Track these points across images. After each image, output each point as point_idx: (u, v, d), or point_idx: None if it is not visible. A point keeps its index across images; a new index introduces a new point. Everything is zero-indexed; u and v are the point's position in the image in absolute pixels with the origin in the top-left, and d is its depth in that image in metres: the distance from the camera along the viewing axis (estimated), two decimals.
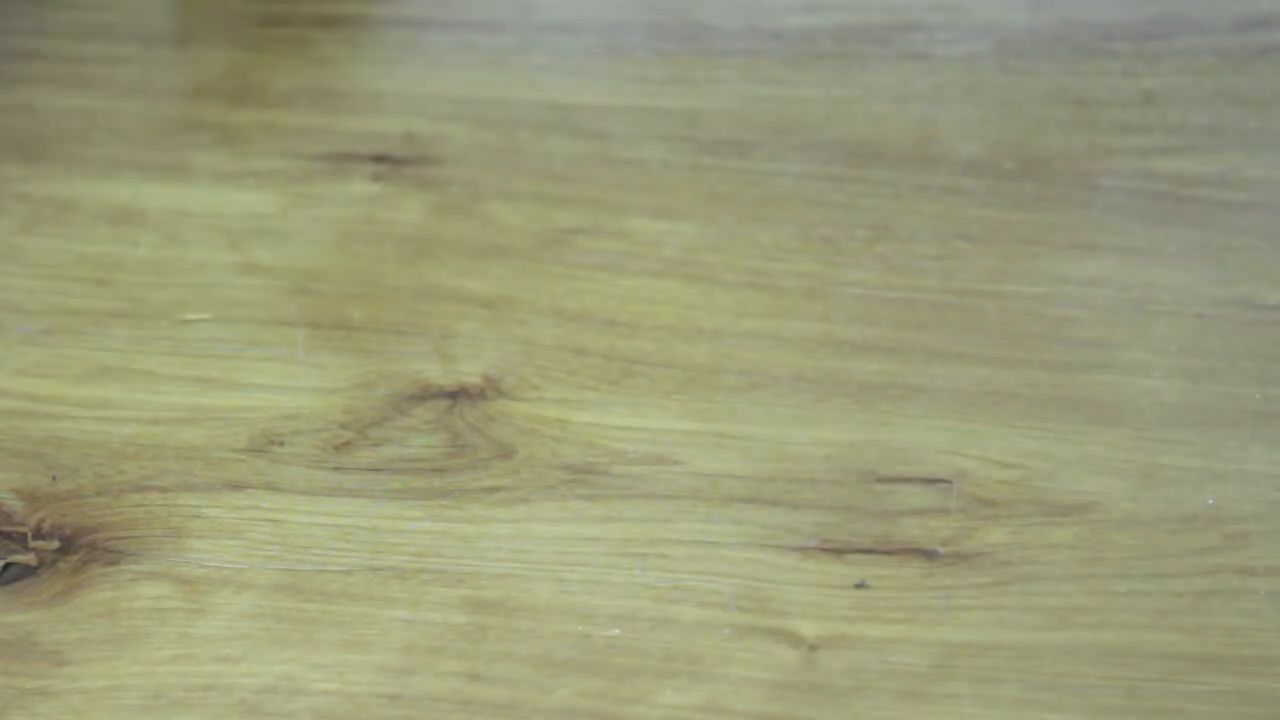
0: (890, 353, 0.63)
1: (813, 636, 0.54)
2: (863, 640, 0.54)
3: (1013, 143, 0.72)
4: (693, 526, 0.58)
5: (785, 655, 0.54)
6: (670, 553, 0.57)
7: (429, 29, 0.79)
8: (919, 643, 0.54)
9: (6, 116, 0.74)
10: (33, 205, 0.70)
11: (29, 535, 0.57)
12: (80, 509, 0.58)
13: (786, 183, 0.70)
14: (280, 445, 0.60)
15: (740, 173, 0.71)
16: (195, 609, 0.55)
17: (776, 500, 0.58)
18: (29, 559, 0.57)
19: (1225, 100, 0.74)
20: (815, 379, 0.62)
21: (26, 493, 0.59)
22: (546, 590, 0.56)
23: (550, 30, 0.79)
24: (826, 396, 0.62)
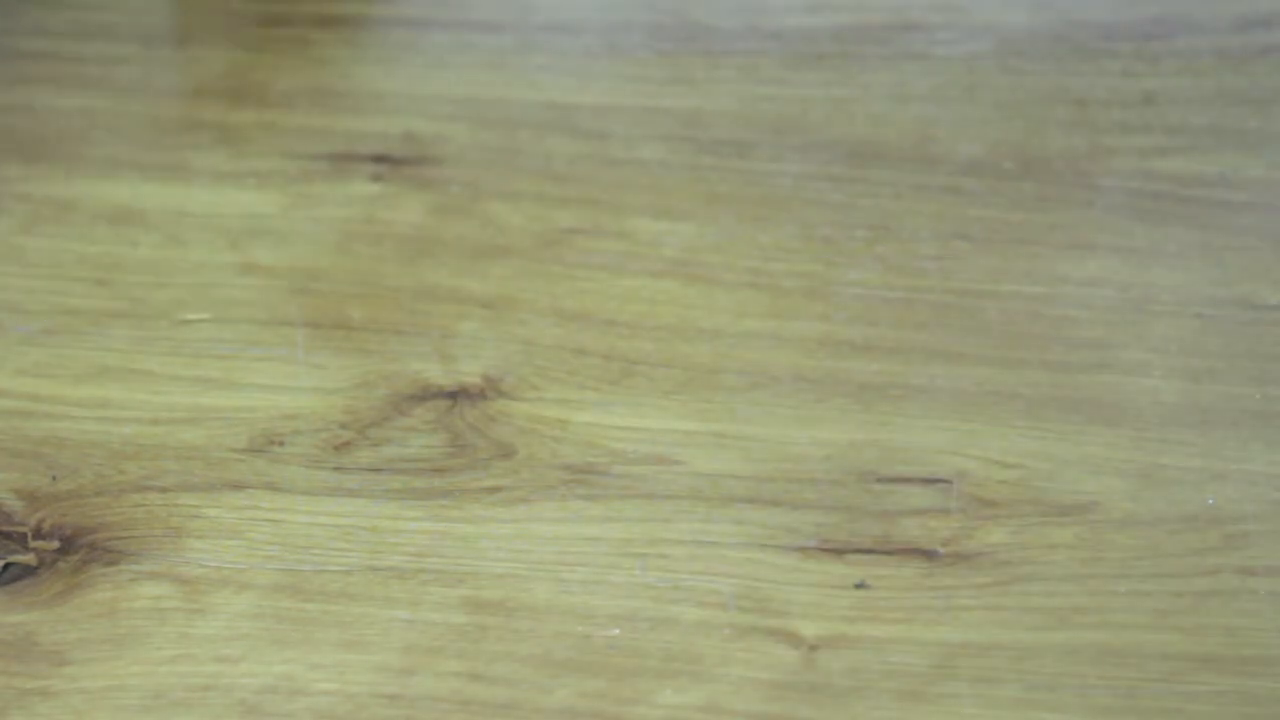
0: (890, 353, 0.63)
1: (813, 636, 0.54)
2: (863, 640, 0.54)
3: (1013, 143, 0.72)
4: (693, 526, 0.58)
5: (785, 655, 0.54)
6: (670, 553, 0.57)
7: (429, 29, 0.79)
8: (919, 643, 0.54)
9: (6, 116, 0.74)
10: (33, 205, 0.70)
11: (29, 535, 0.57)
12: (80, 509, 0.58)
13: (786, 183, 0.70)
14: (280, 445, 0.60)
15: (740, 173, 0.71)
16: (195, 609, 0.55)
17: (776, 500, 0.58)
18: (29, 559, 0.57)
19: (1225, 100, 0.74)
20: (815, 379, 0.62)
21: (26, 493, 0.59)
22: (546, 590, 0.56)
23: (550, 30, 0.79)
24: (826, 396, 0.62)
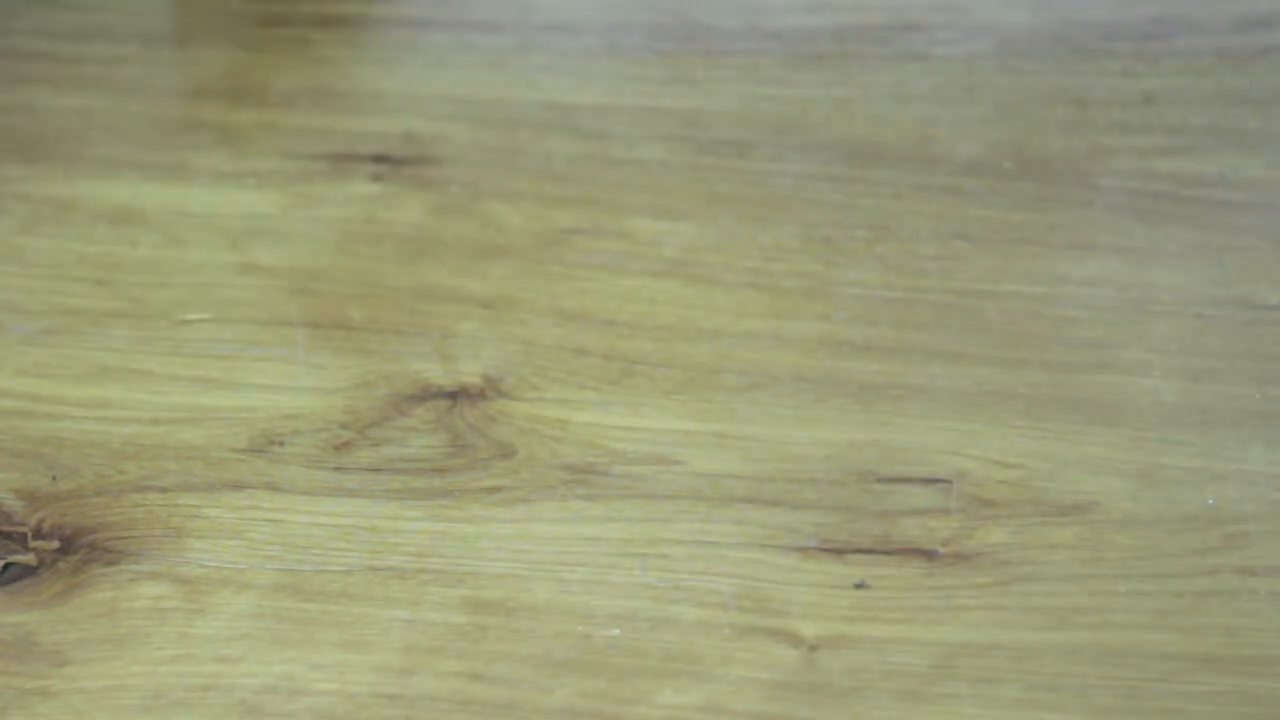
0: (890, 353, 0.63)
1: (813, 636, 0.54)
2: (863, 640, 0.54)
3: (1013, 143, 0.72)
4: (693, 526, 0.57)
5: (785, 655, 0.54)
6: (670, 553, 0.57)
7: (429, 29, 0.79)
8: (919, 643, 0.54)
9: (6, 116, 0.74)
10: (33, 205, 0.70)
11: (29, 535, 0.57)
12: (80, 509, 0.58)
13: (786, 183, 0.70)
14: (280, 445, 0.60)
15: (740, 173, 0.71)
16: (195, 609, 0.55)
17: (776, 500, 0.58)
18: (29, 559, 0.57)
19: (1225, 100, 0.74)
20: (815, 379, 0.62)
21: (26, 493, 0.59)
22: (546, 590, 0.56)
23: (550, 30, 0.79)
24: (826, 396, 0.62)
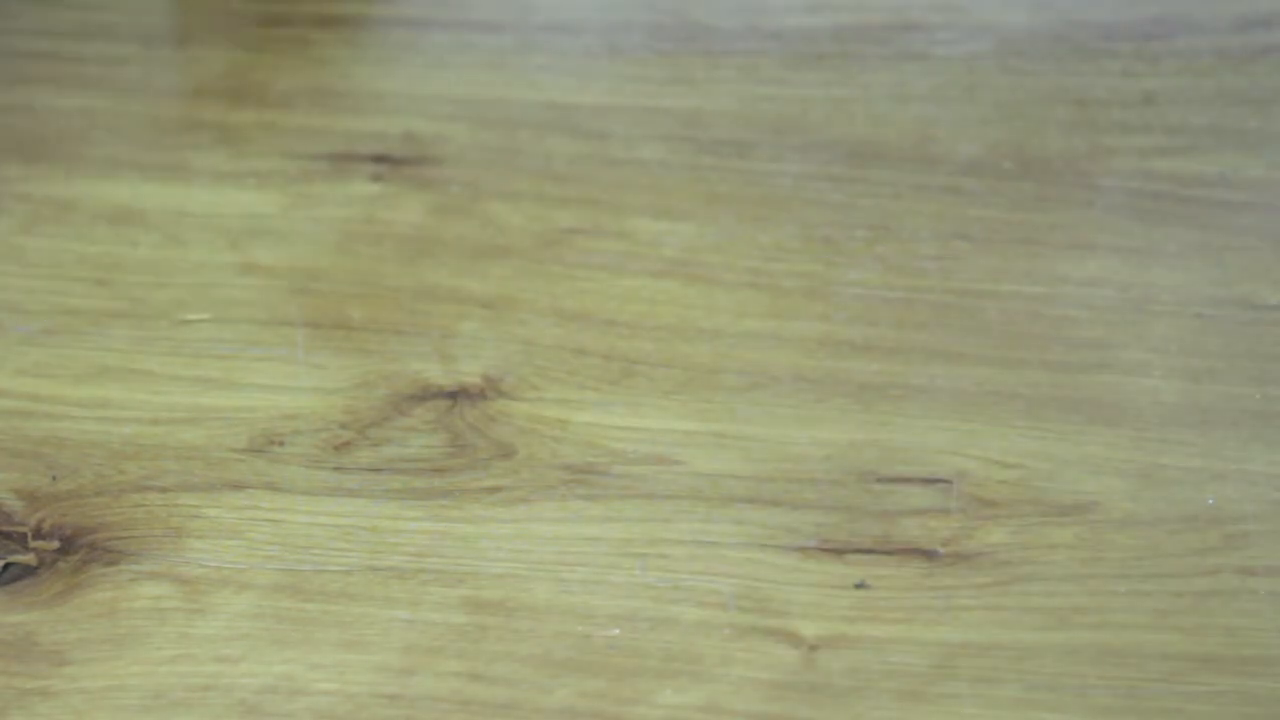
0: (890, 353, 0.63)
1: (813, 636, 0.54)
2: (863, 640, 0.54)
3: (1013, 143, 0.72)
4: (693, 526, 0.57)
5: (785, 655, 0.54)
6: (670, 553, 0.57)
7: (429, 29, 0.79)
8: (919, 643, 0.54)
9: (6, 116, 0.74)
10: (33, 205, 0.70)
11: (29, 535, 0.57)
12: (80, 509, 0.58)
13: (786, 183, 0.70)
14: (280, 445, 0.60)
15: (740, 173, 0.71)
16: (195, 609, 0.55)
17: (776, 500, 0.58)
18: (29, 559, 0.57)
19: (1225, 100, 0.74)
20: (815, 379, 0.62)
21: (26, 493, 0.59)
22: (546, 590, 0.56)
23: (550, 30, 0.79)
24: (826, 396, 0.62)
